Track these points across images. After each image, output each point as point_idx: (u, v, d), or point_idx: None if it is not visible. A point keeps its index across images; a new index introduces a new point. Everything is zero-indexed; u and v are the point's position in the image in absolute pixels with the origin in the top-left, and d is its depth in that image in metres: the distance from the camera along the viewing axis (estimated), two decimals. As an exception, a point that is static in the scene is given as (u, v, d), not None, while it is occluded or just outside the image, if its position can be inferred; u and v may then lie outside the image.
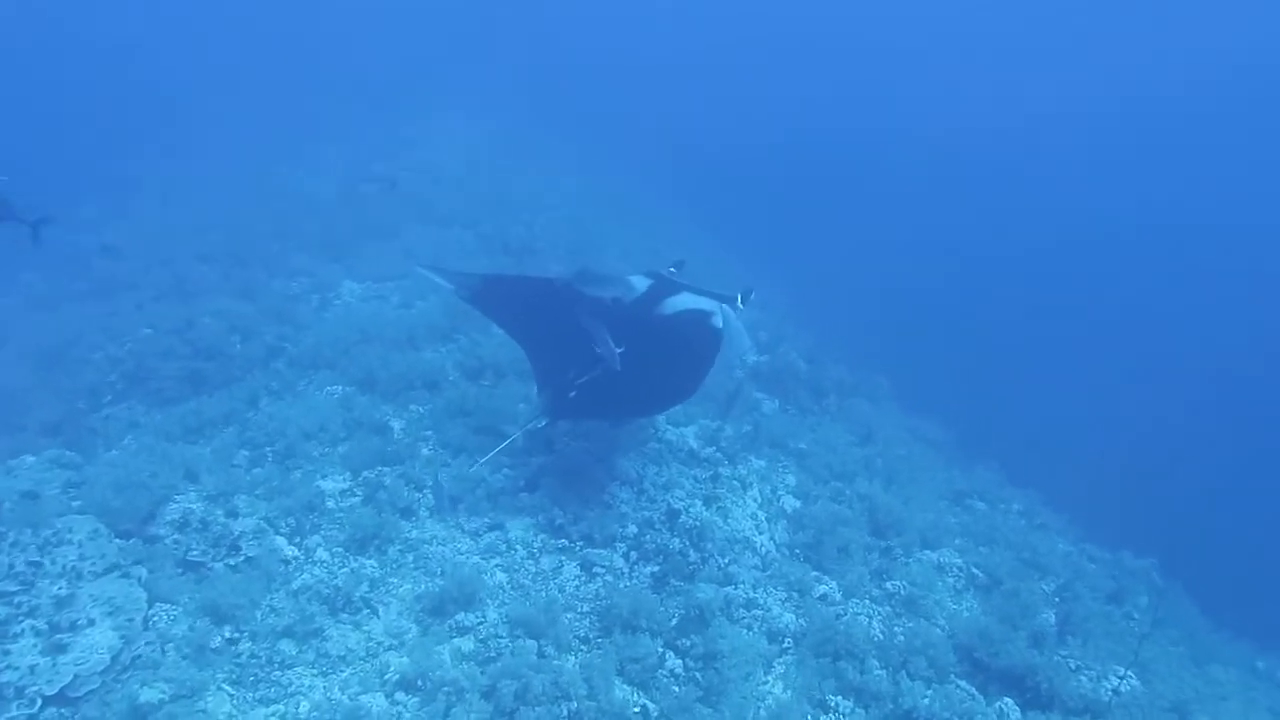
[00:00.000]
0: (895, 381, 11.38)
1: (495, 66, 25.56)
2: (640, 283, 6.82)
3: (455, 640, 5.58)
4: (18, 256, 12.60)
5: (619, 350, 6.05)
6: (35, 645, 5.05)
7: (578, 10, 32.71)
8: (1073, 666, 5.81)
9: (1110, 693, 5.64)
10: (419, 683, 5.14)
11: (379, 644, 5.52)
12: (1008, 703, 5.52)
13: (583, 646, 5.69)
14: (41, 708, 4.74)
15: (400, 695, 5.09)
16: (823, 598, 6.43)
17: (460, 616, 5.73)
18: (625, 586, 6.15)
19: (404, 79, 23.12)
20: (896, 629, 6.20)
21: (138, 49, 22.37)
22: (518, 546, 6.50)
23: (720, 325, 6.50)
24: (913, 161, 25.42)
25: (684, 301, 6.65)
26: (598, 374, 6.08)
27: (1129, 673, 5.85)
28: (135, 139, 17.08)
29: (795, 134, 26.35)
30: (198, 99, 18.96)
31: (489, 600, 5.94)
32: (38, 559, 5.43)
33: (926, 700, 5.36)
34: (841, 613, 6.26)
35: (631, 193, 18.24)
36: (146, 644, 5.23)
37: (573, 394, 6.13)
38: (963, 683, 5.66)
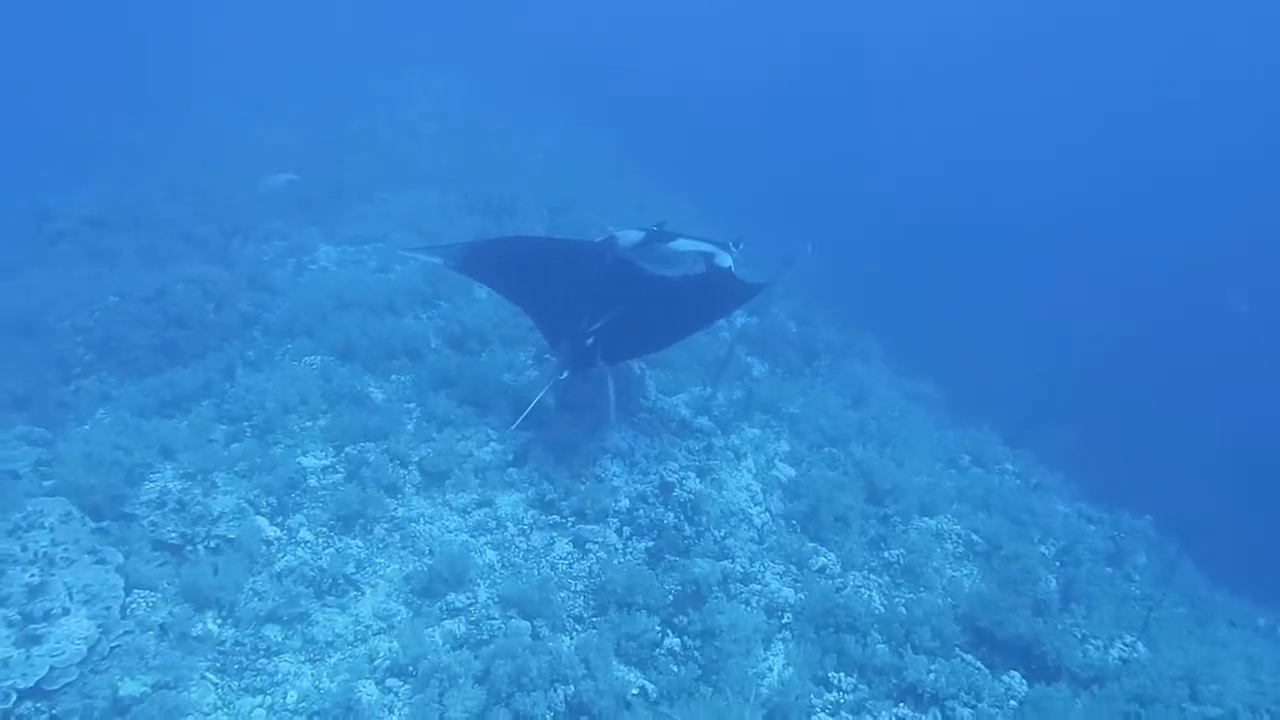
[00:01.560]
0: (885, 340, 11.24)
1: (477, 25, 24.75)
2: (635, 235, 6.82)
3: (446, 623, 5.43)
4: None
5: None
6: (8, 637, 4.83)
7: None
8: (1079, 635, 5.74)
9: (1118, 661, 5.58)
10: (410, 668, 4.99)
11: (367, 628, 5.35)
12: (1014, 676, 5.45)
13: (578, 626, 5.55)
14: (17, 702, 4.53)
15: (392, 682, 4.94)
16: (821, 570, 6.32)
17: (450, 597, 5.57)
18: (619, 563, 6.01)
19: (380, 35, 22.35)
20: (898, 600, 6.11)
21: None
22: (507, 523, 6.32)
23: (727, 263, 6.52)
24: (887, 114, 24.96)
25: (684, 245, 6.64)
26: (612, 317, 6.12)
27: (1136, 640, 5.80)
28: (101, 96, 16.41)
29: (775, 92, 25.74)
30: (164, 54, 18.25)
31: (479, 580, 5.78)
32: (7, 545, 5.19)
33: (932, 675, 5.27)
34: (841, 585, 6.15)
35: (615, 154, 17.77)
36: (125, 633, 5.02)
37: (590, 341, 6.17)
38: (968, 655, 5.59)
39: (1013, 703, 5.21)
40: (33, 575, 5.11)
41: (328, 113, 16.41)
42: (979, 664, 5.50)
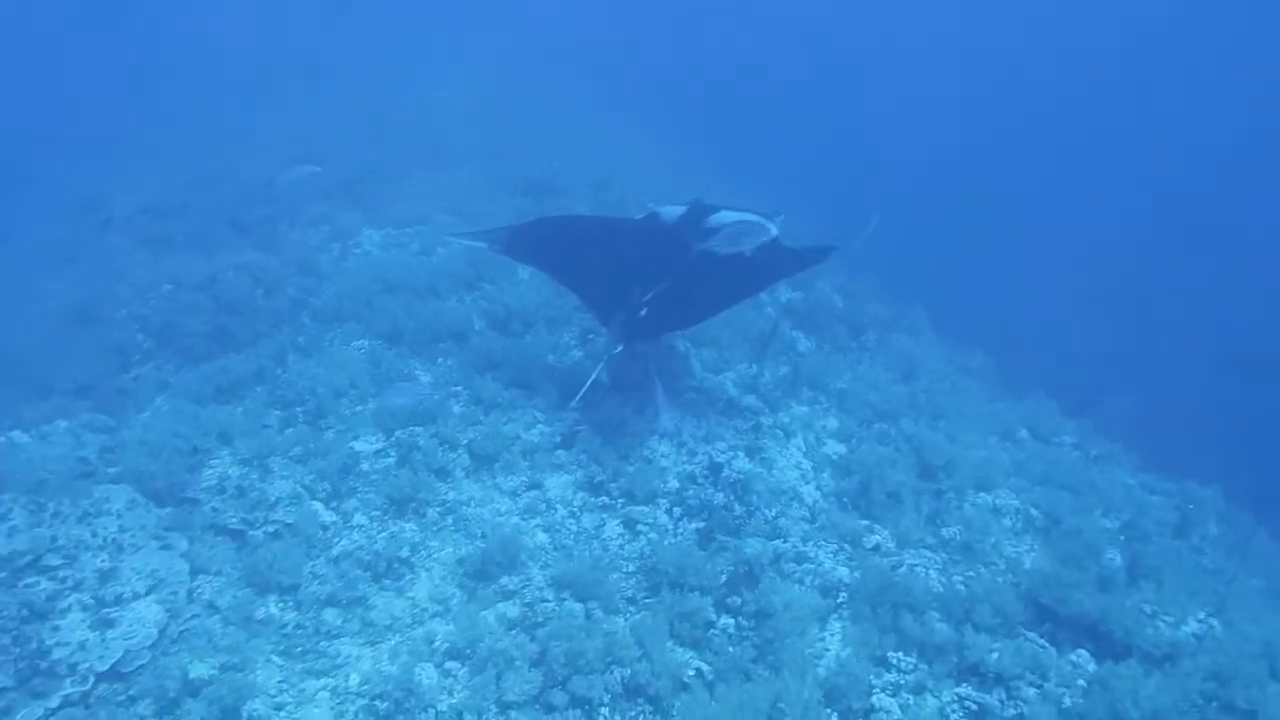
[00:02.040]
0: (933, 311, 10.99)
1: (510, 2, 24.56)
2: (678, 208, 6.80)
3: (500, 605, 5.46)
4: (42, 208, 12.55)
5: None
6: (83, 620, 4.99)
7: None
8: (1148, 611, 5.57)
9: (1192, 638, 5.42)
10: (467, 651, 5.04)
11: (424, 610, 5.42)
12: (1082, 654, 5.31)
13: (631, 607, 5.55)
14: (94, 684, 4.69)
15: (450, 664, 4.99)
16: (876, 548, 6.23)
17: (504, 580, 5.60)
18: (670, 544, 5.98)
19: (412, 14, 22.29)
20: (956, 578, 5.99)
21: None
22: (557, 505, 6.33)
23: (775, 230, 6.41)
24: (922, 77, 24.22)
25: (729, 215, 6.56)
26: (664, 288, 6.12)
27: (1210, 616, 5.62)
28: (150, 83, 16.68)
29: (804, 60, 25.13)
30: (199, 42, 18.45)
31: (531, 562, 5.80)
32: (79, 531, 5.33)
33: (995, 654, 5.17)
34: (897, 563, 6.05)
35: (653, 129, 17.56)
36: (192, 616, 5.17)
37: (643, 313, 6.17)
38: (1031, 633, 5.46)
39: (1080, 682, 5.08)
40: (103, 560, 5.26)
41: (363, 94, 16.45)
42: (1044, 642, 5.37)
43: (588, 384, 6.31)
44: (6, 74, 18.38)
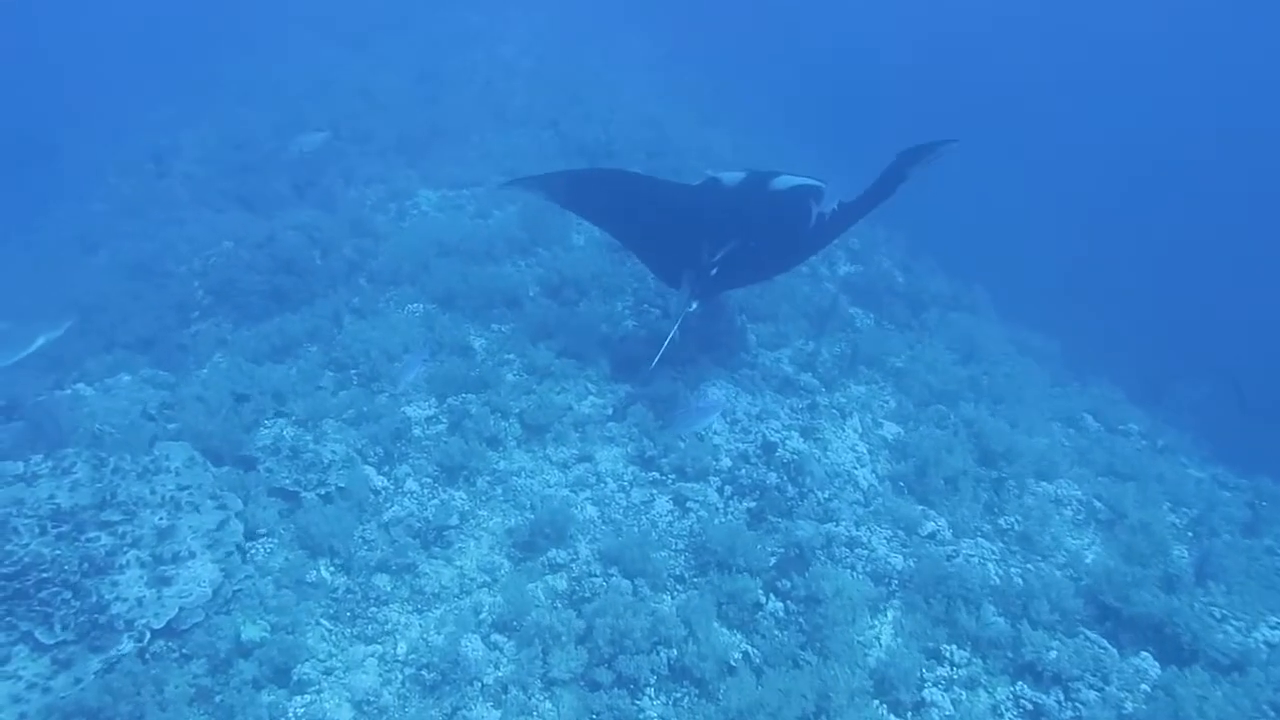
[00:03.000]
0: (994, 286, 10.61)
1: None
2: (737, 175, 6.68)
3: (548, 578, 5.45)
4: (105, 158, 12.79)
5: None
6: (141, 577, 5.08)
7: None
8: (1217, 615, 5.33)
9: (1264, 645, 5.18)
10: (514, 624, 5.04)
11: (472, 580, 5.43)
12: (1145, 657, 5.12)
13: (678, 586, 5.49)
14: (150, 640, 4.79)
15: (497, 638, 4.99)
16: (931, 536, 6.07)
17: (552, 553, 5.58)
18: (720, 523, 5.88)
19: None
20: (1014, 570, 5.82)
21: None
22: (607, 479, 6.28)
23: (826, 191, 6.41)
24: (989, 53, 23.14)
25: (787, 179, 6.51)
26: (732, 247, 6.14)
27: (1284, 622, 5.36)
28: (211, 37, 16.81)
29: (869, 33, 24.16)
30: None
31: (580, 536, 5.77)
32: (139, 488, 5.44)
33: (1053, 652, 5.01)
34: (953, 553, 5.88)
35: (707, 88, 17.18)
36: (246, 577, 5.23)
37: (714, 271, 6.22)
38: (1092, 632, 5.27)
39: (1144, 687, 4.90)
40: (161, 519, 5.35)
41: (426, 49, 16.39)
42: (1105, 643, 5.18)
43: (665, 343, 6.22)
44: (77, 19, 18.70)
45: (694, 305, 6.39)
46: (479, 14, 18.69)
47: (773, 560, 5.63)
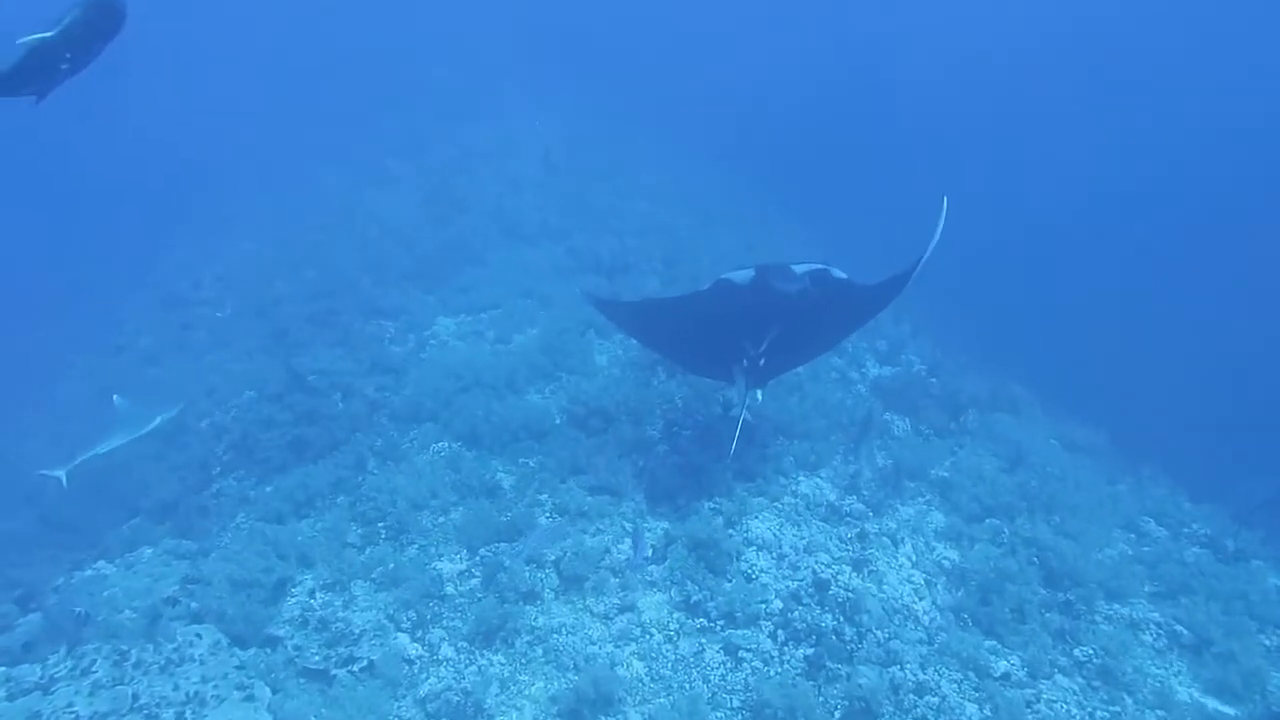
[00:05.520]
0: (1031, 374, 10.31)
1: (552, 64, 24.81)
2: (748, 272, 6.73)
3: (599, 755, 5.07)
4: (123, 301, 12.88)
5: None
6: (164, 782, 4.76)
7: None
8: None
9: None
10: (567, 815, 4.65)
11: (518, 763, 5.05)
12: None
13: (739, 755, 5.09)
14: None
15: (549, 834, 4.60)
16: (1005, 677, 5.64)
17: (600, 723, 5.21)
18: (776, 674, 5.52)
19: (464, 84, 22.68)
20: (1098, 713, 5.37)
21: (196, 80, 22.64)
22: (653, 630, 5.94)
23: (842, 275, 6.56)
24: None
25: (799, 268, 6.63)
26: (773, 336, 6.33)
27: None
28: (217, 174, 17.19)
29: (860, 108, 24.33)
30: (268, 126, 19.01)
31: (628, 697, 5.40)
32: (161, 685, 5.14)
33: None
34: (1033, 698, 5.45)
35: (713, 188, 17.31)
36: (276, 776, 4.89)
37: (762, 362, 6.37)
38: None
39: None
40: (187, 718, 5.03)
41: (434, 170, 16.65)
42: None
43: (736, 433, 6.24)
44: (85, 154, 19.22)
45: (759, 395, 6.60)
46: (486, 129, 19.09)
47: (837, 715, 5.24)
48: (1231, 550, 7.46)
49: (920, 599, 6.28)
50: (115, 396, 7.86)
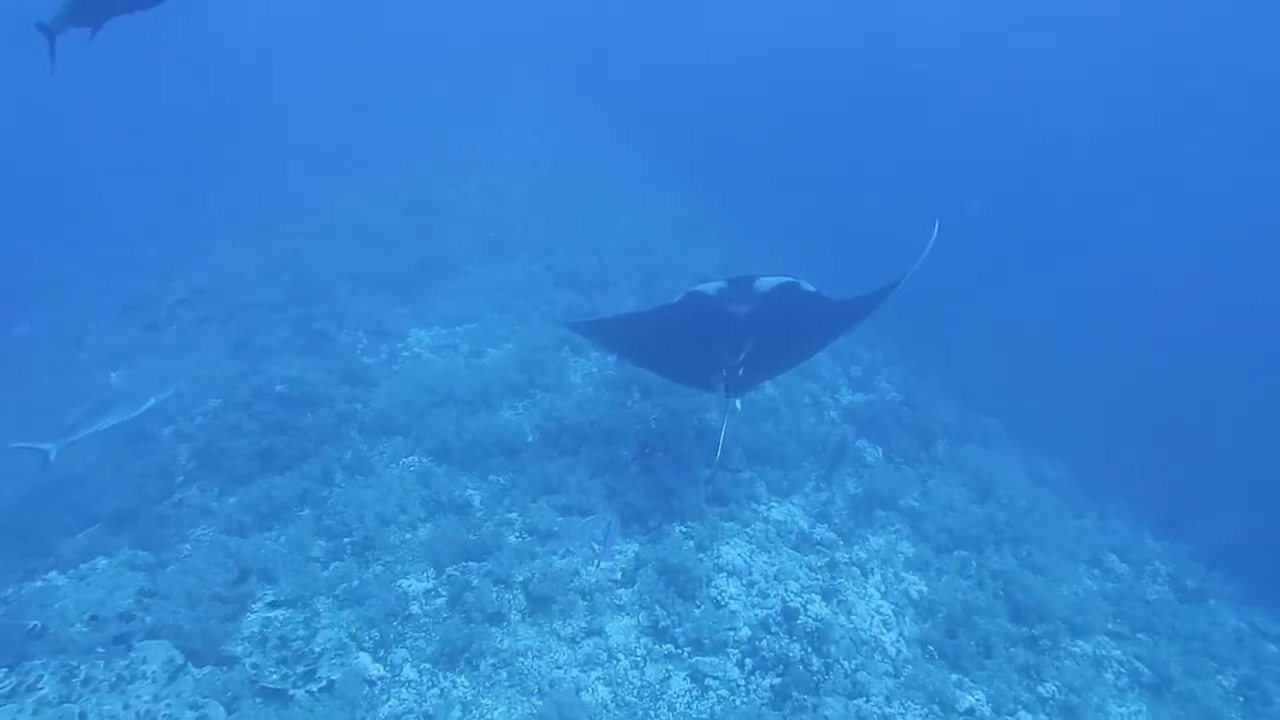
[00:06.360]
0: (999, 405, 10.40)
1: (543, 77, 24.90)
2: (718, 284, 6.97)
3: (560, 783, 4.99)
4: (88, 303, 12.61)
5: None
6: (111, 807, 4.61)
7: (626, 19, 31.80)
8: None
9: None
10: (527, 847, 4.56)
11: (478, 790, 4.96)
12: None
13: (703, 786, 5.04)
14: None
15: None
16: (970, 712, 5.66)
17: (564, 751, 5.13)
18: (742, 704, 5.49)
19: (454, 94, 22.66)
20: (1061, 753, 5.40)
21: (187, 82, 22.45)
22: (619, 655, 5.87)
23: (811, 288, 6.74)
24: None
25: (767, 280, 6.82)
26: (751, 347, 6.42)
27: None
28: (195, 174, 16.96)
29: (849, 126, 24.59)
30: (256, 129, 18.83)
31: (592, 725, 5.33)
32: (111, 704, 4.98)
33: None
34: (996, 735, 5.48)
35: (695, 207, 17.36)
36: (228, 800, 4.75)
37: (741, 371, 6.43)
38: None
39: None
40: (136, 738, 4.89)
41: (418, 179, 16.56)
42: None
43: (721, 443, 6.50)
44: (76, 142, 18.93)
45: (738, 405, 6.60)
46: (472, 140, 19.03)
47: (802, 749, 5.20)
48: (1192, 589, 7.57)
49: (888, 630, 6.28)
50: (113, 375, 7.79)
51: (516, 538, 6.77)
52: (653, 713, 5.48)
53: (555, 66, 26.03)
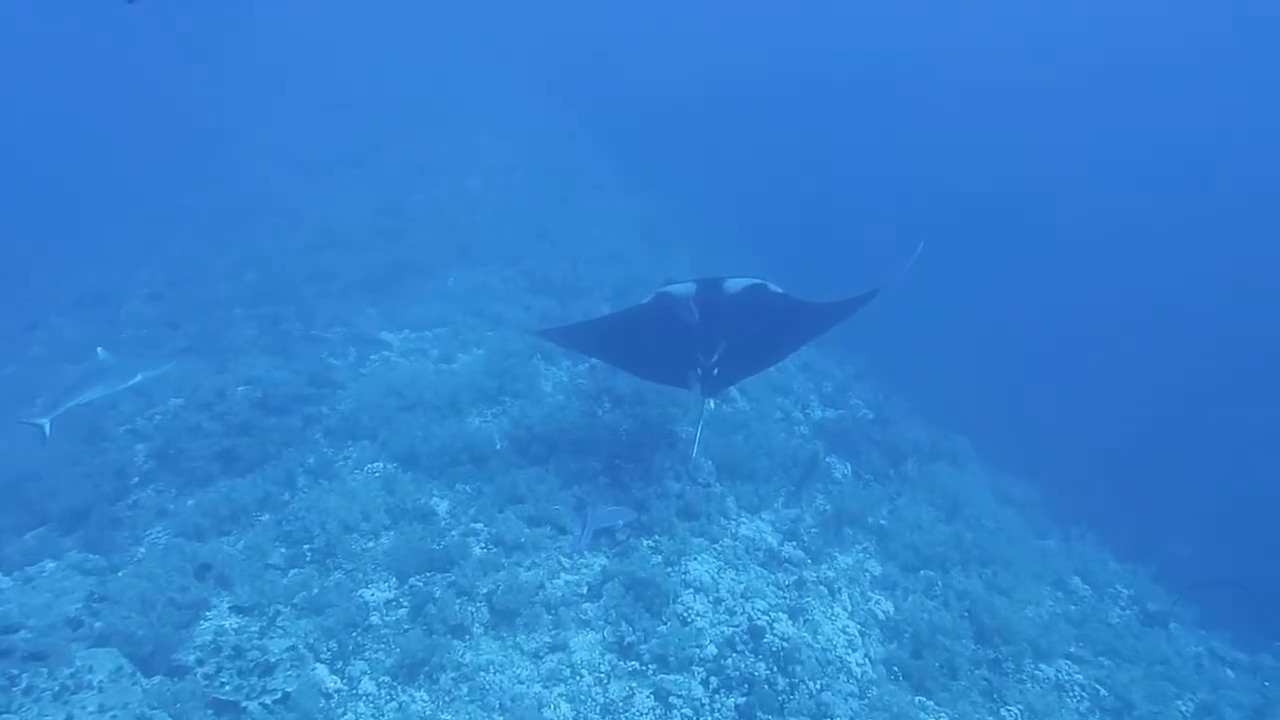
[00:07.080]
0: (968, 424, 10.47)
1: (518, 83, 24.86)
2: (687, 285, 6.91)
3: (520, 803, 4.88)
4: (46, 296, 12.30)
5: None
6: (49, 822, 4.43)
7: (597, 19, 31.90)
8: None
9: None
10: None
11: (435, 809, 4.84)
12: None
13: (665, 808, 4.96)
14: None
15: None
16: (933, 735, 5.65)
17: (524, 770, 5.03)
18: (707, 724, 5.41)
19: (426, 97, 22.49)
20: (1022, 777, 5.40)
21: (158, 79, 22.11)
22: (583, 671, 5.78)
23: (779, 289, 6.80)
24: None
25: (736, 281, 6.85)
26: (724, 348, 6.56)
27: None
28: (163, 169, 16.65)
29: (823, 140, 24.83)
30: (223, 128, 18.54)
31: (554, 743, 5.24)
32: (54, 713, 4.80)
33: None
34: (960, 759, 5.46)
35: (669, 214, 17.37)
36: (173, 816, 4.58)
37: (715, 372, 6.60)
38: None
39: None
40: (78, 750, 4.71)
41: (390, 181, 16.38)
42: None
43: (696, 440, 6.83)
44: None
45: (713, 403, 6.92)
46: (446, 143, 18.87)
47: (766, 770, 5.14)
48: (1153, 613, 7.64)
49: (854, 650, 6.25)
50: (99, 349, 7.68)
51: (482, 548, 6.65)
52: (615, 732, 5.39)
53: (531, 73, 25.98)
